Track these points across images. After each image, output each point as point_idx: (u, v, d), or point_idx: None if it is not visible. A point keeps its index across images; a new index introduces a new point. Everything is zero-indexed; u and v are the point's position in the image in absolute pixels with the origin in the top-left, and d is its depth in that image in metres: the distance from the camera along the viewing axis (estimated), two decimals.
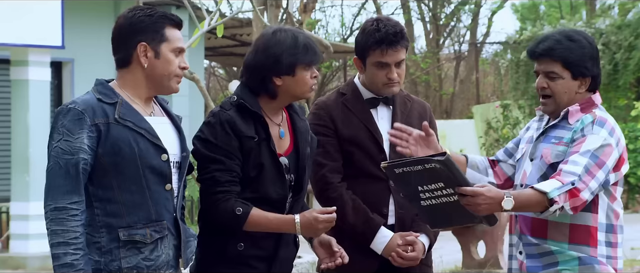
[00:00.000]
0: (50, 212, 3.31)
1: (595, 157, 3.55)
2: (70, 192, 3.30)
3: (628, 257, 10.69)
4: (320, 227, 3.63)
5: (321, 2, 25.31)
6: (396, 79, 4.15)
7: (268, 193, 3.69)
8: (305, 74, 3.73)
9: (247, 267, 3.70)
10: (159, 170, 3.39)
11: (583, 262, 3.64)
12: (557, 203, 3.48)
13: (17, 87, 12.28)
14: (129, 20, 3.43)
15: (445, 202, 3.52)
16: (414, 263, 4.17)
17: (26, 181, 12.13)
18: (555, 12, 28.98)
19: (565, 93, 3.67)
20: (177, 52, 3.47)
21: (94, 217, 3.35)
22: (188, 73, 6.33)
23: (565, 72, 3.66)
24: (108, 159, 3.33)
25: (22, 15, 11.75)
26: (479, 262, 9.77)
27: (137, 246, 3.36)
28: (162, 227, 3.40)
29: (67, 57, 14.16)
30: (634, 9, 22.46)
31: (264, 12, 8.81)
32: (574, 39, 3.66)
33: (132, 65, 3.43)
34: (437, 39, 26.57)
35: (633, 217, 16.03)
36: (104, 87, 3.43)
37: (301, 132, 3.82)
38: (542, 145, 3.70)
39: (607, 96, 19.22)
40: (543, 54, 3.67)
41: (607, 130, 3.61)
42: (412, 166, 3.51)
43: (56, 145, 3.33)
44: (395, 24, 4.14)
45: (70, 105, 3.36)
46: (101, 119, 3.34)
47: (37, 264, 12.08)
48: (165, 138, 3.44)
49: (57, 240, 3.29)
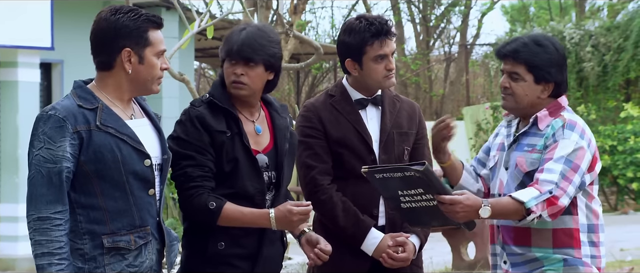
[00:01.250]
0: (33, 222, 3.26)
1: (569, 162, 3.58)
2: (53, 201, 3.25)
3: (617, 257, 10.71)
4: (296, 219, 3.62)
5: (311, 4, 25.31)
6: (394, 69, 4.18)
7: (245, 188, 3.68)
8: (227, 68, 3.75)
9: (229, 266, 3.69)
10: (143, 176, 3.36)
11: (568, 264, 3.68)
12: (534, 212, 3.53)
13: (6, 88, 12.25)
14: (113, 24, 3.36)
15: (425, 206, 3.58)
16: (405, 264, 4.17)
17: (15, 183, 12.10)
18: (544, 13, 29.03)
19: (526, 95, 3.70)
20: (159, 55, 3.44)
21: (77, 223, 3.30)
22: (178, 74, 6.32)
23: (528, 75, 3.69)
24: (91, 166, 3.29)
25: (11, 16, 11.72)
26: (469, 263, 9.77)
27: (121, 252, 3.33)
28: (146, 233, 3.38)
29: (56, 58, 14.12)
30: (623, 11, 22.54)
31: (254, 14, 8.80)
32: (542, 44, 3.70)
33: (115, 69, 3.39)
34: (427, 40, 26.59)
35: (622, 218, 16.07)
36: (83, 90, 3.37)
37: (280, 129, 3.82)
38: (515, 153, 3.73)
39: (597, 98, 19.27)
40: (508, 54, 3.72)
41: (577, 133, 3.64)
42: (391, 173, 3.55)
43: (37, 153, 3.27)
44: (380, 16, 4.19)
45: (51, 111, 3.30)
46: (83, 126, 3.29)
47: (26, 266, 12.04)
48: (147, 142, 3.41)
49: (41, 251, 3.25)
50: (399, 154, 4.23)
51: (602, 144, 17.44)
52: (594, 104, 19.11)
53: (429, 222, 3.72)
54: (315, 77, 24.85)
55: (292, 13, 9.63)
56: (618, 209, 17.64)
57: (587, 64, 19.01)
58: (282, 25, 7.96)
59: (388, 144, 4.21)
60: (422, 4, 26.23)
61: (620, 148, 17.28)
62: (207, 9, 7.48)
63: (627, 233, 12.96)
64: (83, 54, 17.17)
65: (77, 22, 14.93)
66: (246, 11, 7.78)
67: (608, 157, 17.33)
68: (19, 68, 12.11)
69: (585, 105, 18.92)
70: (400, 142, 4.24)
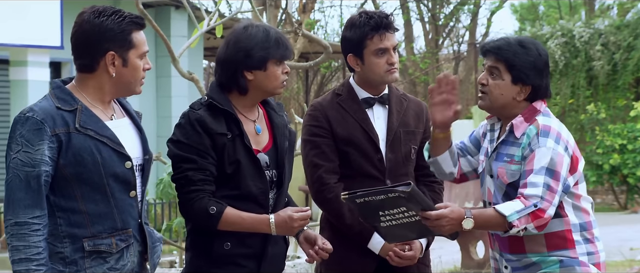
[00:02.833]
0: (11, 227, 3.19)
1: (550, 172, 3.60)
2: (31, 206, 3.19)
3: (627, 257, 10.69)
4: (296, 226, 3.62)
5: (320, 3, 25.31)
6: (396, 64, 4.17)
7: (249, 189, 3.68)
8: (277, 68, 3.70)
9: (235, 266, 3.69)
10: (123, 178, 3.31)
11: (564, 265, 3.71)
12: (516, 226, 3.56)
13: (16, 87, 12.29)
14: (97, 26, 3.29)
15: (406, 222, 3.58)
16: (412, 262, 4.18)
17: None
18: (554, 12, 28.97)
19: (501, 95, 3.71)
20: (142, 57, 3.37)
21: (57, 226, 3.25)
22: (187, 73, 6.34)
23: (506, 74, 3.70)
24: (70, 170, 3.23)
25: (21, 15, 11.75)
26: (478, 262, 9.76)
27: (102, 256, 3.29)
28: (127, 236, 3.34)
29: (66, 57, 14.15)
30: (633, 10, 22.48)
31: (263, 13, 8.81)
32: (525, 46, 3.72)
33: (97, 72, 3.32)
34: (436, 39, 26.57)
35: (632, 217, 16.03)
36: (61, 91, 3.31)
37: (278, 127, 3.81)
38: (496, 163, 3.75)
39: (606, 96, 19.22)
40: (491, 50, 3.73)
41: (552, 138, 3.64)
42: (374, 196, 3.54)
43: (15, 156, 3.20)
44: (381, 11, 4.20)
45: (28, 113, 3.23)
46: (61, 129, 3.23)
47: None
48: (128, 143, 3.35)
49: (18, 257, 3.18)
50: (406, 153, 4.23)
51: (612, 143, 17.41)
52: (604, 102, 19.07)
53: (408, 235, 3.74)
54: (324, 75, 24.85)
55: (301, 12, 9.64)
56: (628, 208, 17.60)
57: (596, 63, 18.98)
58: (291, 23, 7.96)
59: (395, 143, 4.21)
60: (431, 2, 26.21)
61: (630, 147, 17.24)
62: (216, 8, 7.49)
63: (637, 232, 12.92)
64: None
65: None
66: (255, 10, 7.78)
67: (617, 156, 17.29)
68: (29, 67, 12.14)
69: (594, 103, 18.89)
70: (407, 141, 4.24)
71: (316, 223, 5.23)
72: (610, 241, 11.44)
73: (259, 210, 3.67)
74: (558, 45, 19.23)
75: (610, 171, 17.44)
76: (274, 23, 9.08)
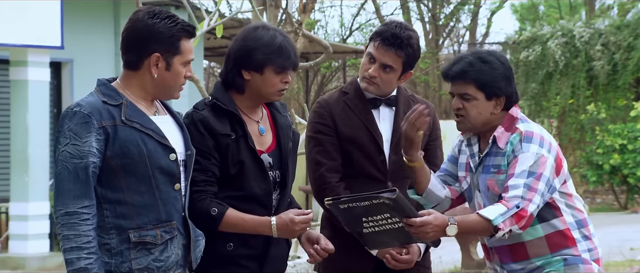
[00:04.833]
0: (61, 217, 3.29)
1: (532, 173, 3.62)
2: (80, 196, 3.29)
3: (627, 257, 10.69)
4: (297, 229, 3.61)
5: (320, 3, 25.31)
6: (373, 76, 4.13)
7: (252, 190, 3.67)
8: (274, 76, 3.68)
9: (238, 266, 3.69)
10: (168, 170, 3.39)
11: (568, 263, 3.72)
12: (502, 229, 3.57)
13: (16, 87, 12.28)
14: (149, 27, 3.38)
15: (389, 228, 3.59)
16: (409, 266, 4.17)
17: (25, 181, 12.12)
18: (554, 12, 28.98)
19: (480, 114, 3.73)
20: (186, 64, 3.46)
21: (104, 218, 3.33)
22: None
23: (479, 94, 3.72)
24: (117, 161, 3.32)
25: (21, 15, 11.75)
26: (478, 263, 9.76)
27: (147, 247, 3.36)
28: (171, 228, 3.40)
29: (66, 57, 14.16)
30: (633, 10, 22.48)
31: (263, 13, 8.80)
32: (486, 60, 3.72)
33: (141, 70, 3.41)
34: (437, 39, 26.57)
35: (632, 217, 16.04)
36: (107, 87, 3.41)
37: (282, 128, 3.81)
38: (483, 176, 3.76)
39: (606, 96, 19.22)
40: (456, 76, 3.75)
41: (536, 143, 3.67)
42: (358, 202, 3.54)
43: (64, 149, 3.30)
44: (405, 32, 4.11)
45: (76, 108, 3.33)
46: (108, 121, 3.32)
47: (35, 265, 12.07)
48: (171, 137, 3.44)
49: (70, 245, 3.27)
50: None
51: (612, 143, 17.41)
52: (604, 102, 19.07)
53: (391, 242, 3.74)
54: (324, 76, 24.85)
55: (301, 12, 9.63)
56: (628, 208, 17.60)
57: (597, 63, 18.98)
58: (291, 24, 7.96)
59: (399, 145, 4.19)
60: (431, 2, 26.22)
61: (630, 147, 17.24)
62: (216, 8, 7.48)
63: (637, 232, 12.92)
64: (93, 53, 17.25)
65: (86, 21, 14.96)
66: (255, 10, 7.77)
67: (618, 156, 17.29)
68: (29, 67, 12.14)
69: (595, 103, 18.90)
70: None
71: (317, 223, 5.22)
72: (611, 241, 11.44)
73: (262, 211, 3.67)
74: (558, 45, 19.23)
75: (610, 171, 17.45)
76: (274, 23, 9.06)
